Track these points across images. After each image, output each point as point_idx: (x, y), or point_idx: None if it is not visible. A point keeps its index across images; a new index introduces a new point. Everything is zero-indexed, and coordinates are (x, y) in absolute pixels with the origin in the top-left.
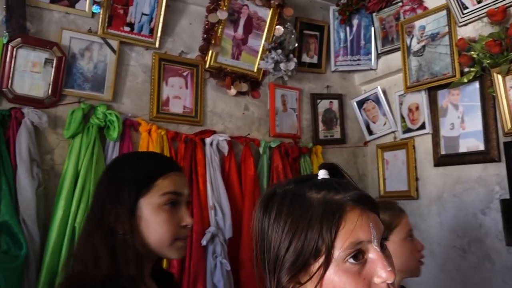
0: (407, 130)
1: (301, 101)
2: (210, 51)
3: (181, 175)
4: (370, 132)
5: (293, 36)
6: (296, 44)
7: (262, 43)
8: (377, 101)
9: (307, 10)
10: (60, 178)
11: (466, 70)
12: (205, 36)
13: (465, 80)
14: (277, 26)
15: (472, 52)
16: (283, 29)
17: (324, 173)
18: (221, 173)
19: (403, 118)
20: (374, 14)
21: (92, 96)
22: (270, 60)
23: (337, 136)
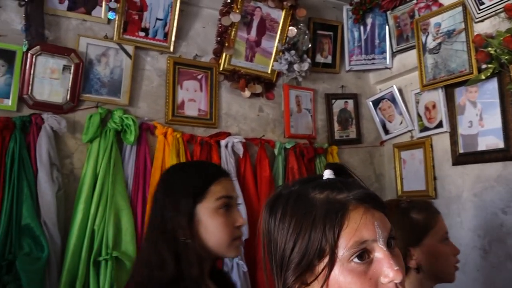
0: (424, 128)
1: (316, 102)
2: (224, 54)
3: (230, 180)
4: (386, 132)
5: (306, 36)
6: (310, 45)
7: (276, 44)
8: (393, 100)
9: (320, 10)
10: (79, 181)
11: (484, 66)
12: (218, 39)
13: (483, 77)
14: (290, 27)
15: (490, 48)
16: (296, 30)
17: (329, 173)
18: (236, 175)
19: (419, 117)
20: (388, 12)
21: (109, 101)
22: (283, 61)
23: (352, 136)
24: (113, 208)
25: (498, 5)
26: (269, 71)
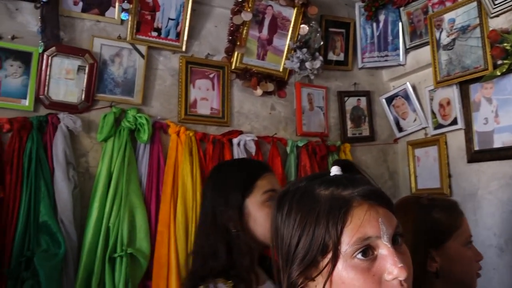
0: (438, 126)
1: (328, 99)
2: (236, 53)
3: (273, 174)
4: (400, 129)
5: (318, 34)
6: (322, 42)
7: (287, 42)
8: (407, 97)
9: (332, 7)
10: (94, 180)
11: (499, 62)
12: (230, 38)
13: (498, 73)
14: (302, 25)
15: (505, 44)
16: (308, 27)
17: (336, 169)
18: None
19: (434, 114)
20: (401, 8)
21: (122, 100)
22: (295, 60)
23: (365, 134)
24: (127, 206)
25: None
26: (281, 69)
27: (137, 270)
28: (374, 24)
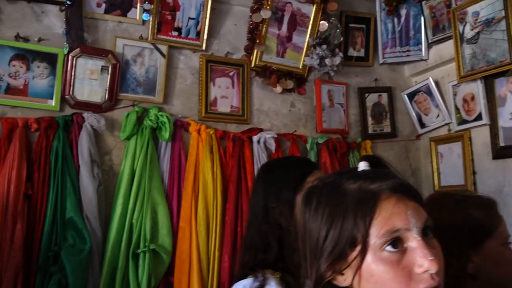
0: (462, 121)
1: (348, 96)
2: (255, 50)
3: (322, 172)
4: (423, 125)
5: (338, 30)
6: (342, 38)
7: (307, 39)
8: (429, 92)
9: (352, 3)
10: (118, 177)
11: None
12: (249, 36)
13: None
14: (321, 22)
15: None
16: (327, 24)
17: (364, 165)
18: None
19: (457, 109)
20: (423, 2)
21: (144, 99)
22: (315, 56)
23: (387, 130)
24: (150, 203)
25: None
26: (300, 66)
27: (159, 265)
28: (395, 19)
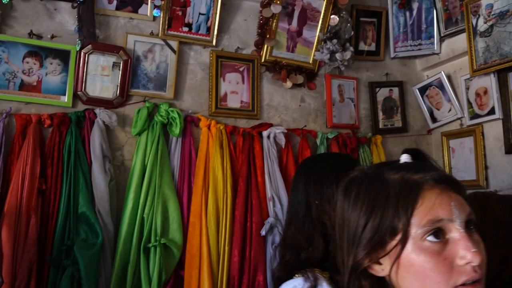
0: (474, 116)
1: (359, 91)
2: (265, 45)
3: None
4: (434, 120)
5: (349, 24)
6: (352, 33)
7: (317, 34)
8: (441, 86)
9: None
10: (129, 172)
11: None
12: (259, 31)
13: None
14: (332, 16)
15: None
16: (338, 18)
17: (406, 157)
18: (278, 165)
19: (470, 104)
20: None
21: (155, 95)
22: (325, 51)
23: (398, 125)
24: (160, 198)
25: None
26: (310, 61)
27: (170, 259)
28: (407, 12)
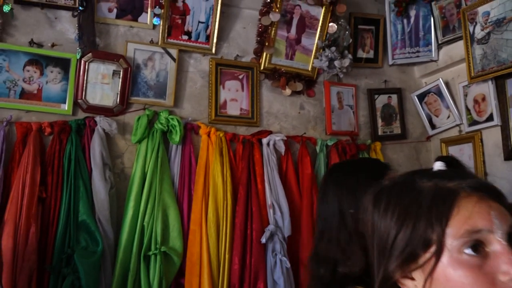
0: (473, 122)
1: (358, 98)
2: (265, 53)
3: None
4: (433, 126)
5: (347, 32)
6: (351, 40)
7: (316, 41)
8: (439, 93)
9: (361, 4)
10: (129, 180)
11: None
12: (259, 38)
13: None
14: (330, 24)
15: None
16: (336, 26)
17: (440, 165)
18: (278, 173)
19: (468, 110)
20: (433, 3)
21: (155, 103)
22: (324, 58)
23: (397, 132)
24: (161, 205)
25: None
26: (309, 69)
27: (170, 267)
28: (405, 20)
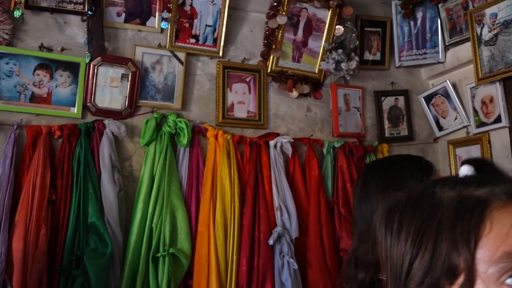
0: (481, 124)
1: (365, 100)
2: (272, 56)
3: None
4: (440, 128)
5: (354, 34)
6: (357, 42)
7: (323, 44)
8: (447, 95)
9: (368, 7)
10: (138, 182)
11: None
12: (266, 41)
13: None
14: (337, 26)
15: None
16: (343, 28)
17: (467, 169)
18: (285, 175)
19: (476, 112)
20: (440, 4)
21: (163, 106)
22: (331, 61)
23: (404, 134)
24: (169, 207)
25: None
26: (316, 71)
27: (179, 269)
28: (412, 22)
